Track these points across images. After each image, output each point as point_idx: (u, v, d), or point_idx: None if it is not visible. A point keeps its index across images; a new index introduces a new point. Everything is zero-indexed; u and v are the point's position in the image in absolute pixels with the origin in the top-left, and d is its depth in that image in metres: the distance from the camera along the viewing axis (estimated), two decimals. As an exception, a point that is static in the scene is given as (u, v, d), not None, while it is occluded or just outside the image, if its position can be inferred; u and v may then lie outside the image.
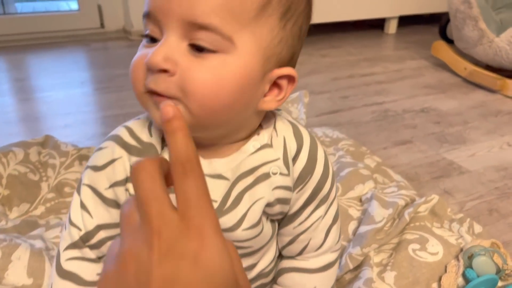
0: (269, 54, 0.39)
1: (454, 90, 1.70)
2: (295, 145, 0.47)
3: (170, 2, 0.36)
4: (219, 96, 0.37)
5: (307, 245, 0.51)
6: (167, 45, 0.37)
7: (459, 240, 0.74)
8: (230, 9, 0.36)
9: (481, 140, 1.31)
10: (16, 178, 0.86)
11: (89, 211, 0.46)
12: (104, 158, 0.45)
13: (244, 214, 0.45)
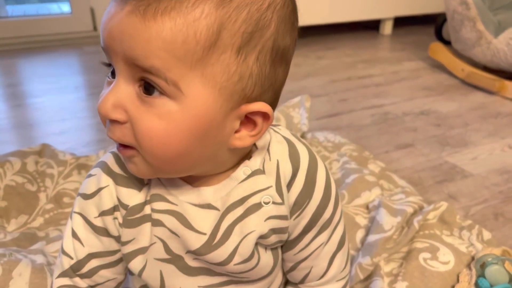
0: (229, 93, 0.36)
1: (453, 91, 1.69)
2: (290, 168, 0.43)
3: (113, 40, 0.35)
4: (168, 145, 0.35)
5: (308, 273, 0.48)
6: (116, 91, 0.36)
7: (470, 248, 0.73)
8: (171, 52, 0.33)
9: (482, 143, 1.30)
10: (14, 189, 0.84)
11: (80, 239, 0.45)
12: (92, 186, 0.44)
13: (235, 248, 0.42)
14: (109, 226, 0.44)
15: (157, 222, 0.43)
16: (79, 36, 2.32)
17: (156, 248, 0.44)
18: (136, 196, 0.43)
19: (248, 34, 0.35)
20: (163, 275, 0.45)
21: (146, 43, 0.33)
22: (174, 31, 0.33)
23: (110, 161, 0.44)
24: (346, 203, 0.85)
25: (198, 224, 0.42)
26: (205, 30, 0.33)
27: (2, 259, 0.65)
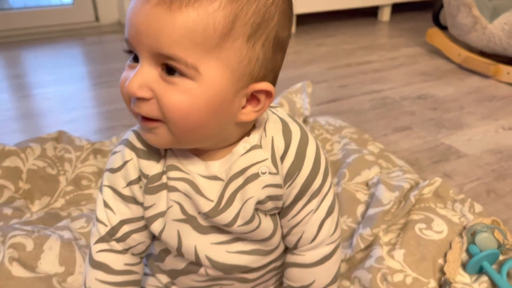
0: (240, 74, 0.42)
1: (450, 76, 1.74)
2: (282, 143, 0.49)
3: (139, 34, 0.40)
4: (191, 117, 0.41)
5: (300, 238, 0.54)
6: (141, 74, 0.41)
7: (462, 219, 0.79)
8: (192, 39, 0.38)
9: (477, 125, 1.36)
10: (36, 173, 0.90)
11: (112, 208, 0.51)
12: (118, 161, 0.50)
13: (238, 212, 0.49)
14: (136, 194, 0.50)
15: (173, 188, 0.49)
16: (81, 27, 2.36)
17: (174, 210, 0.50)
18: (155, 167, 0.49)
19: (256, 24, 0.41)
20: (180, 234, 0.50)
21: (171, 32, 0.38)
22: (196, 21, 0.38)
23: (132, 138, 0.50)
24: (347, 181, 0.91)
25: (206, 192, 0.48)
26: (222, 20, 0.39)
27: (33, 235, 0.70)
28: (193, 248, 0.51)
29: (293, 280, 0.55)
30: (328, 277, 0.55)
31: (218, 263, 0.52)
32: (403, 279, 0.70)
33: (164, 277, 0.59)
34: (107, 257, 0.52)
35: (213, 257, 0.51)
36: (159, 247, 0.56)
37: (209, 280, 0.55)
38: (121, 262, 0.52)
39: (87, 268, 0.53)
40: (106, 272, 0.52)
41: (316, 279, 0.54)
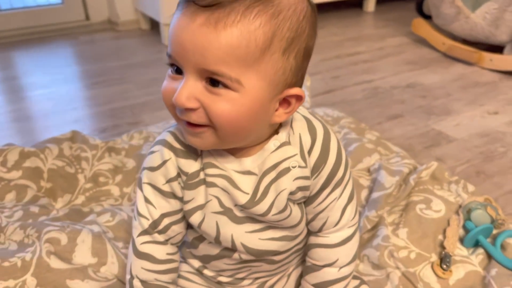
0: (275, 83, 0.46)
1: (435, 64, 1.82)
2: (309, 139, 0.54)
3: (185, 52, 0.44)
4: (236, 122, 0.46)
5: (325, 222, 0.60)
6: (187, 87, 0.45)
7: (457, 198, 0.87)
8: (235, 55, 0.43)
9: (464, 111, 1.44)
10: (56, 172, 0.94)
11: (152, 203, 0.56)
12: (157, 160, 0.55)
13: (272, 203, 0.54)
14: (175, 190, 0.55)
15: (211, 183, 0.54)
16: (73, 26, 2.36)
17: (212, 204, 0.55)
18: (194, 165, 0.54)
19: (291, 39, 0.45)
20: (218, 225, 0.56)
21: (216, 50, 0.42)
22: (239, 39, 0.43)
23: (170, 139, 0.55)
24: (350, 168, 0.97)
25: (242, 186, 0.54)
26: (262, 37, 0.44)
27: (66, 229, 0.76)
28: (230, 237, 0.56)
29: (318, 259, 0.61)
30: (349, 256, 0.61)
31: (252, 249, 0.58)
32: (408, 254, 0.77)
33: (196, 261, 0.65)
34: (151, 248, 0.57)
35: (248, 244, 0.57)
36: (192, 236, 0.62)
37: (240, 263, 0.61)
38: (163, 252, 0.58)
39: (131, 257, 0.58)
40: (151, 262, 0.57)
41: (339, 258, 0.60)
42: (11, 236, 0.77)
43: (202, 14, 0.43)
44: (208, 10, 0.43)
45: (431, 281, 0.74)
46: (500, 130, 1.31)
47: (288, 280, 0.67)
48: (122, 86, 1.65)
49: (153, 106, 1.48)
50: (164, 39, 2.09)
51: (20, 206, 0.86)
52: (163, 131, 0.58)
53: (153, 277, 0.57)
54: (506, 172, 1.11)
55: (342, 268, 0.60)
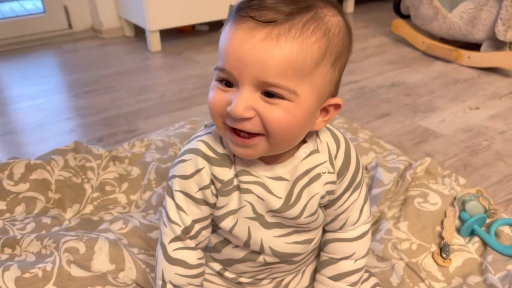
0: (323, 93, 0.50)
1: (416, 63, 1.90)
2: (335, 147, 0.58)
3: (245, 66, 0.46)
4: (291, 130, 0.50)
5: (346, 222, 0.64)
6: (244, 97, 0.47)
7: (451, 191, 0.92)
8: (293, 68, 0.46)
9: (447, 107, 1.51)
10: (63, 183, 0.96)
11: (184, 210, 0.58)
12: (190, 168, 0.57)
13: (304, 207, 0.58)
14: (208, 197, 0.58)
15: (247, 190, 0.57)
16: (56, 35, 2.35)
17: (246, 209, 0.58)
18: (228, 172, 0.57)
19: (338, 53, 0.50)
20: (250, 229, 0.59)
21: (277, 64, 0.45)
22: (299, 52, 0.46)
23: (203, 148, 0.57)
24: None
25: (275, 191, 0.57)
26: (317, 51, 0.47)
27: (83, 238, 0.78)
28: (259, 241, 0.60)
29: (336, 253, 0.66)
30: (365, 249, 0.66)
31: (278, 252, 0.61)
32: (410, 246, 0.82)
33: (216, 265, 0.68)
34: (184, 254, 0.59)
35: (275, 247, 0.61)
36: (216, 240, 0.64)
37: (263, 265, 0.64)
38: (194, 257, 0.60)
39: (162, 263, 0.60)
40: (184, 267, 0.60)
41: (356, 251, 0.65)
42: (28, 248, 0.79)
43: (263, 29, 0.46)
44: (268, 26, 0.46)
45: (433, 270, 0.79)
46: (482, 125, 1.39)
47: (302, 276, 0.71)
48: (113, 95, 1.67)
49: (147, 114, 1.50)
50: (150, 46, 2.10)
51: (31, 218, 0.87)
52: (191, 139, 0.60)
53: (187, 281, 0.60)
54: (491, 164, 1.17)
55: (358, 261, 0.65)
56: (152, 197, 0.96)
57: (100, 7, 2.29)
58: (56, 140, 1.33)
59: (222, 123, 0.52)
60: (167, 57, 2.05)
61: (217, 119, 0.52)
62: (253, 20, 0.46)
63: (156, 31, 2.08)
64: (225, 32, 0.49)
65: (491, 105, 1.51)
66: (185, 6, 2.06)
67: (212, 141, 0.57)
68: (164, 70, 1.90)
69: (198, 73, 1.85)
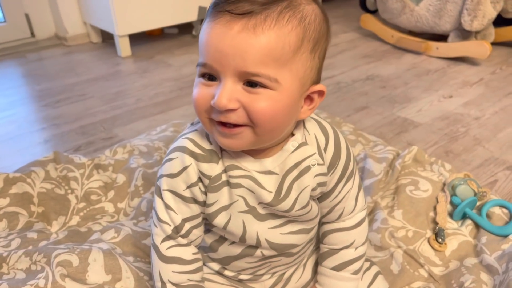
0: (304, 80, 0.50)
1: (388, 56, 1.93)
2: (323, 138, 0.59)
3: (225, 57, 0.47)
4: (276, 118, 0.50)
5: (342, 212, 0.65)
6: (227, 89, 0.48)
7: (440, 177, 0.94)
8: (273, 56, 0.46)
9: (422, 97, 1.54)
10: (46, 195, 0.91)
11: (173, 209, 0.57)
12: (176, 166, 0.56)
13: (296, 199, 0.58)
14: (196, 194, 0.57)
15: (237, 184, 0.56)
16: (18, 44, 2.26)
17: (239, 203, 0.57)
18: (216, 168, 0.56)
19: (316, 40, 0.50)
20: (244, 223, 0.58)
21: (256, 53, 0.46)
22: (276, 41, 0.47)
23: (189, 145, 0.56)
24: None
25: (265, 185, 0.57)
26: (295, 38, 0.48)
27: (76, 250, 0.74)
28: (255, 234, 0.59)
29: (336, 243, 0.66)
30: (364, 236, 0.67)
31: (274, 244, 0.61)
32: (406, 233, 0.83)
33: (215, 264, 0.67)
34: (178, 251, 0.59)
35: (271, 239, 0.60)
36: (211, 239, 0.63)
37: (261, 259, 0.63)
38: (189, 252, 0.60)
39: (158, 265, 0.59)
40: (180, 264, 0.59)
41: (356, 239, 0.65)
42: (16, 265, 0.74)
43: (239, 21, 0.46)
44: (244, 18, 0.46)
45: (430, 255, 0.80)
46: (457, 112, 1.43)
47: (304, 269, 0.71)
48: (86, 102, 1.61)
49: (124, 120, 1.46)
50: (120, 51, 2.05)
51: (15, 234, 0.83)
52: (178, 137, 0.59)
53: (186, 278, 0.59)
54: (470, 150, 1.21)
55: (358, 248, 0.65)
56: (142, 204, 0.93)
57: (64, 13, 2.22)
58: (31, 151, 1.28)
59: (207, 118, 0.51)
60: (139, 62, 2.01)
61: (202, 115, 0.51)
62: (229, 13, 0.47)
63: (125, 36, 2.03)
64: (204, 28, 0.50)
65: (463, 93, 1.56)
66: (154, 9, 2.02)
67: (198, 137, 0.57)
68: (137, 75, 1.86)
69: (172, 76, 1.82)
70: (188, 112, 1.47)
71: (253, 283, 0.68)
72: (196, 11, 2.19)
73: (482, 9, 1.66)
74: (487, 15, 1.68)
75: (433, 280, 0.76)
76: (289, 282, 0.69)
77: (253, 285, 0.68)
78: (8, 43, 2.24)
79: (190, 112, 1.47)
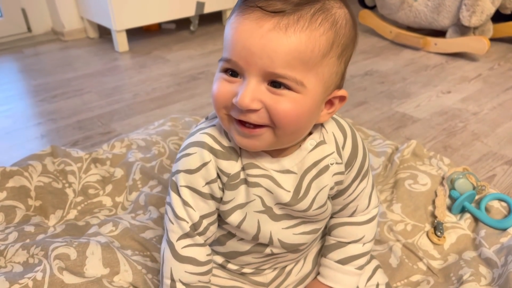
0: (328, 85, 0.50)
1: (386, 52, 1.93)
2: (341, 137, 0.58)
3: (252, 56, 0.45)
4: (298, 121, 0.49)
5: (355, 210, 0.65)
6: (251, 88, 0.46)
7: (439, 171, 0.94)
8: (301, 59, 0.45)
9: (421, 92, 1.54)
10: (43, 189, 0.91)
11: (191, 206, 0.56)
12: (195, 162, 0.55)
13: (314, 199, 0.57)
14: (214, 191, 0.56)
15: (255, 184, 0.55)
16: (15, 39, 2.25)
17: (255, 203, 0.56)
18: (235, 166, 0.55)
19: (345, 45, 0.49)
20: (259, 223, 0.58)
21: (285, 54, 0.44)
22: (307, 43, 0.45)
23: (209, 141, 0.55)
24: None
25: (284, 184, 0.56)
26: (324, 42, 0.47)
27: (73, 244, 0.74)
28: (269, 234, 0.59)
29: (345, 236, 0.65)
30: (373, 233, 0.66)
31: (286, 244, 0.60)
32: (404, 227, 0.83)
33: (219, 257, 0.66)
34: (193, 251, 0.58)
35: (283, 239, 0.60)
36: (218, 233, 0.62)
37: (268, 256, 0.63)
38: (204, 254, 0.59)
39: (171, 262, 0.57)
40: (194, 265, 0.58)
41: (365, 235, 0.65)
42: (13, 259, 0.74)
43: (270, 19, 0.45)
44: (276, 16, 0.45)
45: (429, 249, 0.80)
46: (456, 107, 1.43)
47: (305, 262, 0.71)
48: (83, 97, 1.61)
49: (121, 115, 1.45)
50: (117, 46, 2.04)
51: (12, 228, 0.83)
52: (193, 132, 0.58)
53: (197, 279, 0.58)
54: (469, 144, 1.21)
55: (366, 244, 0.65)
56: (140, 197, 0.92)
57: (61, 8, 2.21)
58: (27, 146, 1.27)
59: (226, 115, 0.50)
60: (136, 57, 2.00)
61: (221, 111, 0.50)
62: (260, 10, 0.45)
63: (122, 31, 2.02)
64: (231, 22, 0.48)
65: (461, 89, 1.56)
66: (151, 4, 2.01)
67: (217, 133, 0.55)
68: (134, 70, 1.85)
69: (170, 72, 1.81)
70: (186, 107, 1.47)
71: (255, 276, 0.67)
72: (194, 7, 2.18)
73: (481, 4, 1.66)
74: (485, 11, 1.68)
75: (432, 274, 0.76)
76: (290, 275, 0.69)
77: (255, 278, 0.67)
78: (5, 38, 2.23)
79: (188, 107, 1.47)
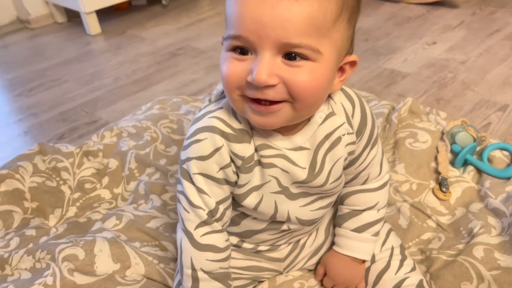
0: (341, 51, 0.48)
1: (365, 7, 1.89)
2: (350, 106, 0.57)
3: (264, 28, 0.43)
4: (318, 92, 0.47)
5: (367, 178, 0.64)
6: (266, 63, 0.44)
7: (437, 126, 0.93)
8: (314, 25, 0.43)
9: (406, 46, 1.52)
10: (38, 189, 0.88)
11: (207, 193, 0.54)
12: (207, 148, 0.52)
13: (329, 172, 0.56)
14: (229, 175, 0.54)
15: (270, 164, 0.54)
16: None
17: (271, 184, 0.55)
18: (249, 148, 0.53)
19: (353, 8, 0.47)
20: (276, 203, 0.57)
21: (299, 22, 0.42)
22: (319, 9, 0.43)
23: (219, 125, 0.52)
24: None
25: (298, 162, 0.55)
26: (335, 6, 0.45)
27: (79, 243, 0.72)
28: (286, 213, 0.58)
29: (359, 204, 0.65)
30: (386, 198, 0.66)
31: (304, 220, 0.60)
32: (410, 187, 0.83)
33: (233, 238, 0.65)
34: (213, 238, 0.56)
35: (301, 216, 0.59)
36: (233, 213, 0.61)
37: (284, 231, 0.62)
38: (223, 239, 0.57)
39: (191, 251, 0.56)
40: (214, 252, 0.56)
41: (379, 201, 0.65)
42: (19, 265, 0.72)
43: None
44: None
45: (436, 205, 0.81)
46: (443, 58, 1.41)
47: (317, 233, 0.70)
48: (62, 87, 1.54)
49: (105, 101, 1.40)
50: (89, 29, 1.96)
51: (12, 233, 0.80)
52: (200, 116, 0.55)
53: (218, 266, 0.57)
54: (460, 94, 1.20)
55: (380, 210, 0.65)
56: (139, 186, 0.90)
57: (26, -5, 2.09)
58: (12, 145, 1.22)
59: (239, 96, 0.48)
60: (110, 39, 1.92)
61: (233, 92, 0.48)
62: None
63: (92, 12, 1.93)
64: None
65: (446, 38, 1.54)
66: (119, -20, 1.92)
67: (226, 116, 0.53)
68: (111, 53, 1.78)
69: (148, 50, 1.75)
70: (170, 86, 1.43)
71: (271, 253, 0.67)
72: (163, -21, 2.09)
73: (458, -51, 1.62)
74: (463, -45, 1.64)
75: (442, 229, 0.76)
76: (304, 247, 0.69)
77: (271, 255, 0.67)
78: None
79: (172, 86, 1.43)
